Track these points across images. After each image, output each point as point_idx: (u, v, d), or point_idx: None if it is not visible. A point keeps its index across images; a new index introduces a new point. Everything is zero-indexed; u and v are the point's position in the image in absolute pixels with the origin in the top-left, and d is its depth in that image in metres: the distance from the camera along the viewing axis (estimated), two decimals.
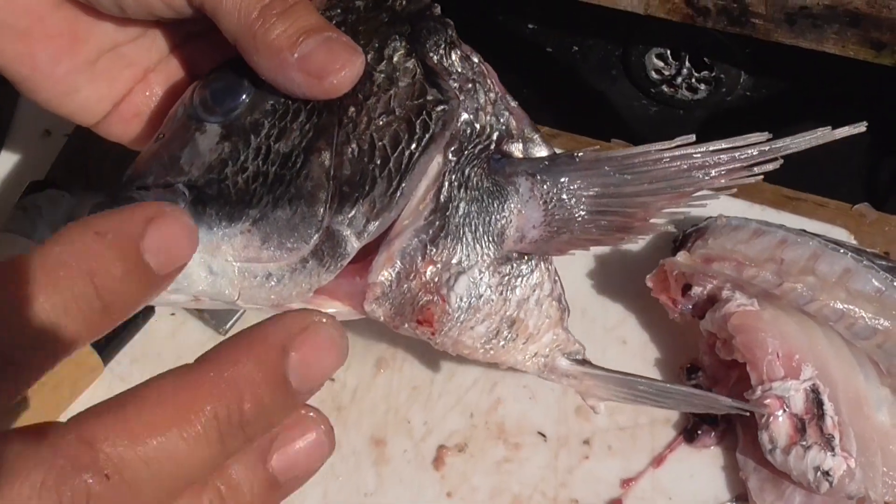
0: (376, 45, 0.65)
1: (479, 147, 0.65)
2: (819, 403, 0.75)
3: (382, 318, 0.64)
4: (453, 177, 0.64)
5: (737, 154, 0.63)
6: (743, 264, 0.79)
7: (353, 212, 0.61)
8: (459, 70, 0.65)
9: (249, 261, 0.61)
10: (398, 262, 0.63)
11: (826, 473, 0.73)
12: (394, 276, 0.63)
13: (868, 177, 1.11)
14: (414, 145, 0.62)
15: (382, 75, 0.64)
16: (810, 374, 0.75)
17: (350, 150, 0.62)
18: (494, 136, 0.65)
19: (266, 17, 0.61)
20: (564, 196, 0.64)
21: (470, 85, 0.65)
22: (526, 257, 0.66)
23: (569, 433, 0.81)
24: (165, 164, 0.64)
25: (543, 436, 0.81)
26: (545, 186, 0.64)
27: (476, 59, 0.66)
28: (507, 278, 0.65)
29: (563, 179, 0.64)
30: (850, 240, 0.88)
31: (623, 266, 0.88)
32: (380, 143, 0.62)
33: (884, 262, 0.80)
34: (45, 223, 0.88)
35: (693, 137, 0.63)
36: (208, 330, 0.87)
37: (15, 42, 0.66)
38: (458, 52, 0.66)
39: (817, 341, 0.76)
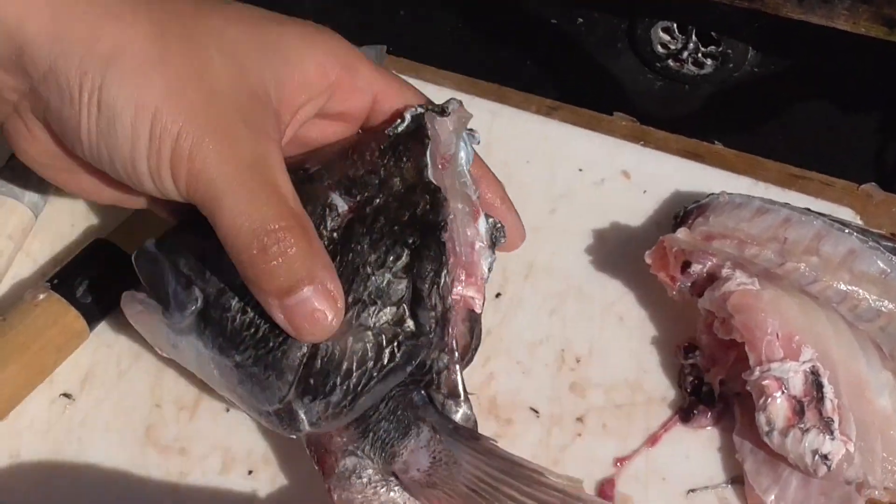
0: (384, 247, 0.70)
1: (413, 379, 0.70)
2: (819, 386, 0.73)
3: (294, 437, 0.72)
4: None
5: None
6: (745, 242, 0.78)
7: (311, 405, 0.69)
8: (436, 307, 0.70)
9: (225, 390, 0.73)
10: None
11: (824, 457, 0.72)
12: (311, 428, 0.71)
13: (875, 158, 1.09)
14: (376, 370, 0.69)
15: (374, 286, 0.69)
16: (810, 356, 0.74)
17: (325, 346, 0.68)
18: (427, 378, 0.70)
19: (259, 261, 0.65)
20: (453, 471, 0.68)
21: (434, 324, 0.70)
22: None
23: (562, 410, 0.80)
24: (196, 257, 0.72)
25: (536, 412, 0.80)
26: (440, 446, 0.69)
27: (449, 303, 0.70)
28: (384, 482, 0.70)
29: (457, 448, 0.68)
30: (856, 220, 0.86)
31: (621, 242, 0.86)
32: (350, 353, 0.69)
33: (889, 244, 0.78)
34: (33, 185, 0.87)
35: (582, 482, 0.67)
36: None
37: (63, 174, 0.73)
38: (438, 291, 0.70)
39: (819, 323, 0.75)
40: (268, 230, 0.65)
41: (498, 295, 0.85)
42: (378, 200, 0.71)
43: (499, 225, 0.74)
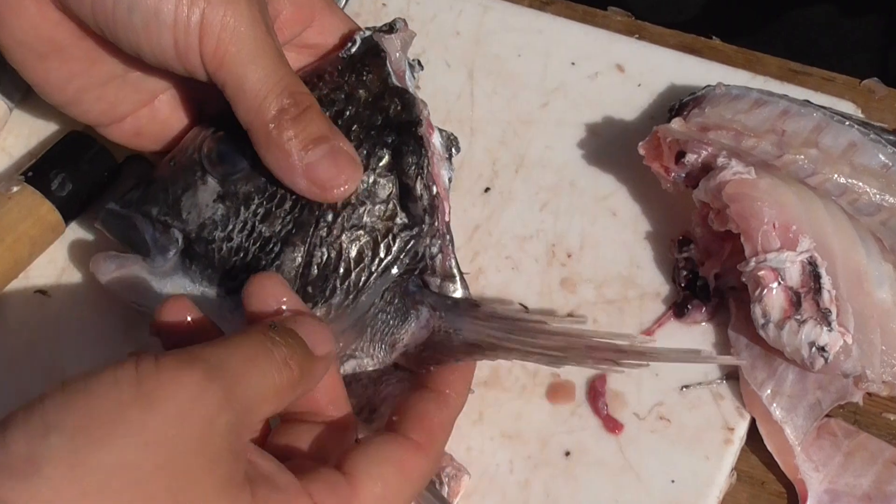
0: (365, 151, 0.72)
1: (407, 269, 0.71)
2: (816, 276, 0.71)
3: None
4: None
5: (612, 349, 0.66)
6: (741, 134, 0.76)
7: (312, 311, 0.69)
8: (423, 197, 0.71)
9: (218, 319, 0.69)
10: None
11: (821, 349, 0.70)
12: None
13: (878, 57, 1.06)
14: (374, 265, 0.71)
15: (363, 185, 0.71)
16: (808, 246, 0.71)
17: (320, 253, 0.70)
18: (421, 266, 0.72)
19: (281, 120, 0.68)
20: (451, 333, 0.70)
21: (424, 214, 0.71)
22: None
23: (552, 305, 0.78)
24: (169, 203, 0.73)
25: (526, 308, 0.78)
26: (440, 322, 0.70)
27: (435, 191, 0.72)
28: (384, 376, 0.72)
29: (457, 322, 0.70)
30: (858, 113, 0.83)
31: (615, 136, 0.84)
32: (346, 255, 0.70)
33: (891, 137, 0.76)
34: (8, 78, 0.84)
35: (585, 319, 0.73)
36: None
37: (34, 61, 0.73)
38: (423, 181, 0.71)
39: (817, 212, 0.72)
40: (291, 90, 0.68)
41: (487, 189, 0.82)
42: (348, 112, 0.73)
43: (452, 137, 0.75)
